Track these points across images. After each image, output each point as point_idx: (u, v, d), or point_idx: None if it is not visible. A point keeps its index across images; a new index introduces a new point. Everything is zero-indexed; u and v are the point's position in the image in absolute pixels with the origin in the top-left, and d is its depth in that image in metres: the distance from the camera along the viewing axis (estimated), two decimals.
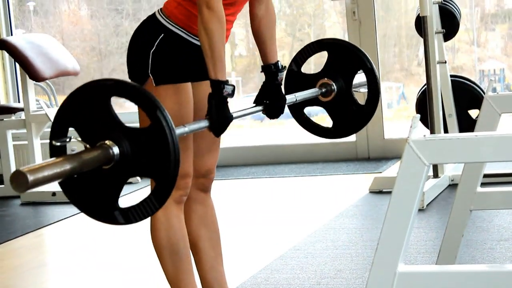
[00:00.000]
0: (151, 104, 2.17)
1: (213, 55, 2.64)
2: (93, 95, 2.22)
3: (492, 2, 7.22)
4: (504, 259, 3.70)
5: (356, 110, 3.18)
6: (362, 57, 3.15)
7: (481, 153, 2.06)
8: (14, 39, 6.12)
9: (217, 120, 2.64)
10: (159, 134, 2.16)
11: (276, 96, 2.92)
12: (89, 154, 2.13)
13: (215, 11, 2.63)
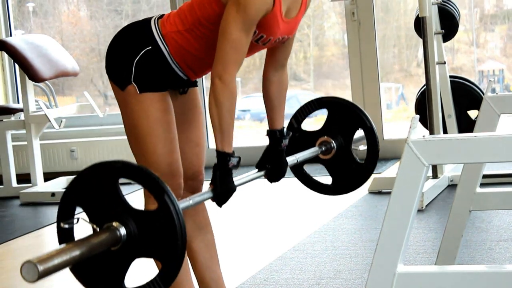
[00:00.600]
0: (159, 188, 2.18)
1: (221, 128, 2.66)
2: (101, 177, 2.23)
3: (491, 3, 7.22)
4: (504, 259, 3.70)
5: (355, 168, 3.22)
6: (362, 116, 3.20)
7: (480, 154, 2.06)
8: (13, 40, 6.12)
9: (221, 192, 2.69)
10: (166, 218, 2.16)
11: (278, 161, 2.97)
12: (97, 238, 2.15)
13: (228, 85, 2.62)
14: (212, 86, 2.63)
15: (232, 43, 2.62)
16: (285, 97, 3.00)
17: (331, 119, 3.21)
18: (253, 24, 2.64)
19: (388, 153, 6.39)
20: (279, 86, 2.96)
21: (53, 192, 5.97)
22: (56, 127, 6.05)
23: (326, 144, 3.19)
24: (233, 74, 2.63)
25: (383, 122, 6.44)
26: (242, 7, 2.60)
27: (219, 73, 2.62)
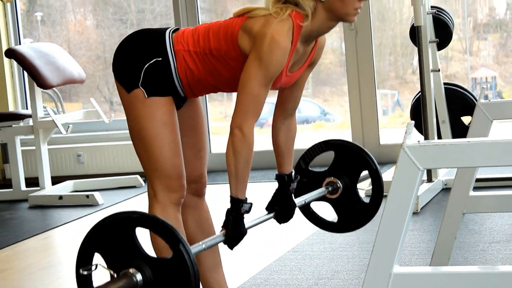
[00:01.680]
0: (174, 238, 2.21)
1: (237, 176, 2.69)
2: (119, 226, 2.26)
3: (484, 12, 7.22)
4: (496, 260, 3.70)
5: (360, 208, 3.25)
6: (367, 158, 3.23)
7: (473, 158, 2.06)
8: (22, 48, 6.12)
9: (233, 236, 2.71)
10: (181, 266, 2.19)
11: (287, 204, 3.00)
12: (115, 284, 2.18)
13: (246, 136, 2.66)
14: (231, 136, 2.66)
15: (253, 97, 2.65)
16: (293, 144, 3.03)
17: (338, 160, 3.25)
18: (272, 79, 2.67)
19: (384, 158, 6.38)
20: (287, 134, 3.00)
21: (60, 195, 5.96)
22: (64, 132, 6.06)
23: (333, 184, 3.24)
24: (252, 126, 2.68)
25: (379, 127, 6.44)
26: (264, 65, 2.62)
27: (239, 125, 2.65)
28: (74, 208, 5.75)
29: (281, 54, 2.62)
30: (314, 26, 2.71)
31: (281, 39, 2.61)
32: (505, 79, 7.16)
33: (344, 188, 3.23)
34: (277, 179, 3.01)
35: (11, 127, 6.19)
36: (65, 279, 4.06)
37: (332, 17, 2.71)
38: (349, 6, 2.68)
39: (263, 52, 2.61)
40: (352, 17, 2.70)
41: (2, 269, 4.31)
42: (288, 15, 2.65)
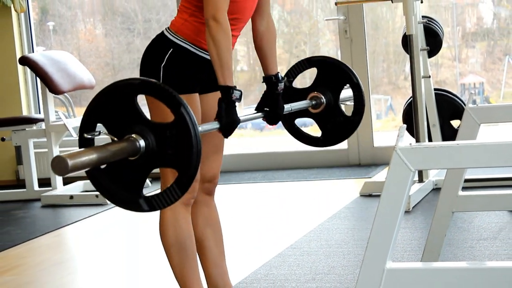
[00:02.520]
0: (175, 101, 2.18)
1: (221, 63, 2.66)
2: (121, 93, 2.22)
3: (472, 22, 7.22)
4: (483, 257, 3.70)
5: (343, 121, 3.19)
6: (349, 72, 3.16)
7: (462, 160, 2.07)
8: (35, 56, 6.13)
9: (226, 122, 2.65)
10: (183, 129, 2.16)
11: (275, 104, 2.94)
12: (118, 145, 2.14)
13: (221, 23, 2.64)
14: (208, 28, 2.64)
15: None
16: (275, 44, 3.00)
17: (321, 76, 3.19)
18: None
19: (377, 159, 6.39)
20: (268, 34, 2.96)
21: (71, 195, 5.97)
22: (74, 135, 6.05)
23: (316, 99, 3.16)
24: (224, 13, 2.65)
25: (373, 130, 6.45)
26: None
27: (212, 14, 2.64)
28: (84, 207, 5.76)
29: None
30: None
31: None
32: (492, 85, 7.16)
33: (327, 102, 3.16)
34: (264, 81, 2.97)
35: (25, 131, 6.19)
36: (76, 275, 4.06)
37: None
38: None
39: None
40: None
41: (16, 265, 4.31)
42: None
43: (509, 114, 3.35)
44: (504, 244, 3.85)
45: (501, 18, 7.01)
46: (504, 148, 2.01)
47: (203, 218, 3.03)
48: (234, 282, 3.50)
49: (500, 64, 7.06)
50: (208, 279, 3.03)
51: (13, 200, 6.26)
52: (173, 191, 2.20)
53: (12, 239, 4.92)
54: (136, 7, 7.50)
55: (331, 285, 3.45)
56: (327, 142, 3.24)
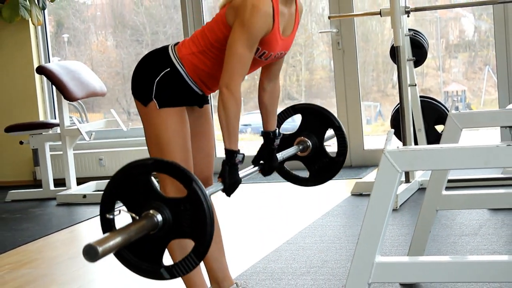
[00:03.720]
0: (187, 178, 2.17)
1: (229, 129, 2.66)
2: (136, 173, 2.22)
3: (455, 34, 7.23)
4: (465, 251, 3.70)
5: (328, 162, 3.20)
6: (331, 117, 3.18)
7: (445, 162, 2.07)
8: (51, 66, 6.13)
9: (229, 183, 2.67)
10: (196, 202, 2.15)
11: (270, 157, 2.96)
12: (139, 224, 2.14)
13: (233, 93, 2.63)
14: (220, 95, 2.64)
15: (238, 57, 2.62)
16: (277, 103, 3.00)
17: (305, 122, 3.20)
18: (255, 42, 2.64)
19: (367, 161, 6.39)
20: (272, 95, 2.96)
21: (84, 194, 5.97)
22: (87, 139, 6.06)
23: (303, 143, 3.17)
24: (238, 84, 2.64)
25: (363, 135, 6.45)
26: (246, 27, 2.61)
27: (226, 83, 2.63)
28: (96, 206, 5.72)
29: (262, 18, 2.62)
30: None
31: (261, 5, 2.61)
32: (473, 92, 7.16)
33: (313, 145, 3.17)
34: (262, 136, 2.97)
35: (42, 135, 6.20)
36: (89, 268, 4.06)
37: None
38: None
39: (245, 17, 2.61)
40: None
41: (34, 259, 4.31)
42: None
43: (489, 120, 3.36)
44: (484, 239, 3.85)
45: (482, 31, 7.01)
46: (484, 151, 2.01)
47: None
48: (234, 274, 3.50)
49: (480, 74, 7.06)
50: (209, 273, 3.04)
51: (30, 199, 6.26)
52: (191, 259, 2.20)
53: (30, 234, 4.92)
54: (144, 20, 7.50)
55: (324, 277, 3.45)
56: (315, 182, 3.26)
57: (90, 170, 7.01)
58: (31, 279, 3.88)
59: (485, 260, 2.10)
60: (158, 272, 2.22)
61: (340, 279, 3.40)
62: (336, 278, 3.42)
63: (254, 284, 3.43)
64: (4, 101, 7.14)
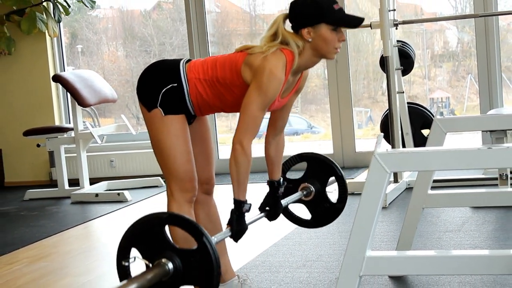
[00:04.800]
0: (198, 232, 2.19)
1: (239, 182, 2.69)
2: (151, 224, 2.25)
3: (440, 45, 7.24)
4: (449, 246, 3.70)
5: (329, 207, 3.25)
6: (334, 166, 3.22)
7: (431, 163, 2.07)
8: (66, 74, 6.14)
9: (237, 230, 2.71)
10: (205, 255, 2.17)
11: (275, 204, 2.98)
12: (152, 272, 2.16)
13: (245, 149, 2.66)
14: (233, 150, 2.66)
15: (253, 119, 2.65)
16: (282, 156, 3.01)
17: (310, 169, 3.24)
18: (268, 104, 2.67)
19: (359, 163, 6.39)
20: (277, 148, 2.99)
21: (96, 193, 5.97)
22: (99, 142, 6.07)
23: (307, 189, 3.22)
24: (250, 142, 2.67)
25: (355, 138, 6.45)
26: (263, 93, 2.63)
27: (240, 140, 2.65)
28: (108, 204, 5.76)
29: (277, 84, 2.64)
30: (302, 61, 2.72)
31: (277, 72, 2.63)
32: (457, 99, 7.17)
33: (316, 191, 3.22)
34: (268, 184, 3.00)
35: (57, 138, 6.20)
36: (101, 261, 4.06)
37: (317, 54, 2.72)
38: (330, 45, 2.68)
39: (262, 82, 2.62)
40: (332, 55, 2.70)
41: (50, 253, 4.31)
42: (281, 51, 2.66)
43: (471, 125, 3.37)
44: (466, 235, 3.85)
45: (464, 43, 7.02)
46: (466, 154, 2.02)
47: (205, 215, 3.04)
48: (236, 268, 3.50)
49: (463, 82, 7.07)
50: None
51: (47, 198, 6.26)
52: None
53: (46, 231, 4.92)
54: (152, 32, 7.50)
55: (319, 270, 3.45)
56: (316, 224, 3.29)
57: (102, 171, 7.01)
58: (47, 272, 3.88)
59: (467, 254, 2.10)
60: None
61: (334, 272, 3.40)
62: (329, 271, 3.42)
63: (254, 276, 3.43)
64: (22, 107, 7.14)
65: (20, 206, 5.98)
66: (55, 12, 6.89)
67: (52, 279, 3.73)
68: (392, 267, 2.16)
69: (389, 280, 3.17)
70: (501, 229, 3.91)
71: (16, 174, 7.23)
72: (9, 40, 7.00)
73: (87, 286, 3.58)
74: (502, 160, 2.00)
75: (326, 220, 3.27)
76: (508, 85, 6.65)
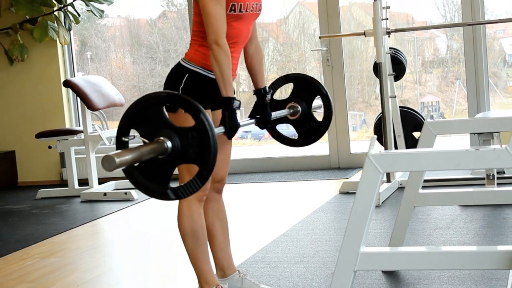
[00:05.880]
0: (196, 109, 2.17)
1: (223, 79, 2.64)
2: (151, 103, 2.21)
3: (430, 52, 7.23)
4: (439, 242, 3.70)
5: (315, 125, 3.17)
6: (319, 85, 3.14)
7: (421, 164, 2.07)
8: (76, 80, 6.13)
9: (230, 127, 2.65)
10: (202, 131, 2.14)
11: (265, 111, 2.92)
12: (150, 146, 2.13)
13: (222, 46, 2.63)
14: (211, 51, 2.63)
15: (213, 15, 2.63)
16: (262, 63, 2.98)
17: (296, 89, 3.17)
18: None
19: (354, 164, 6.39)
20: (256, 55, 2.95)
21: (105, 192, 5.96)
22: (107, 144, 6.06)
23: (294, 108, 3.13)
24: (224, 38, 2.63)
25: (350, 140, 6.44)
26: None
27: (214, 40, 2.63)
28: (115, 202, 5.75)
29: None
30: None
31: None
32: (446, 103, 7.16)
33: (302, 110, 3.14)
34: (255, 93, 2.94)
35: (67, 140, 6.19)
36: (108, 257, 4.06)
37: None
38: None
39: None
40: None
41: (59, 249, 4.30)
42: None
43: (460, 127, 3.36)
44: (455, 232, 3.85)
45: (453, 50, 7.02)
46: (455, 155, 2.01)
47: (213, 212, 3.02)
48: (237, 263, 3.49)
49: (452, 87, 7.07)
50: (216, 261, 3.03)
51: (58, 197, 6.26)
52: (195, 182, 2.19)
53: (57, 228, 4.92)
54: (157, 39, 7.50)
55: (315, 265, 3.45)
56: (302, 143, 3.21)
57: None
58: (57, 267, 3.87)
59: (456, 250, 2.10)
60: (165, 192, 2.21)
61: (330, 267, 3.39)
62: (326, 266, 3.41)
63: (254, 271, 3.42)
64: (34, 111, 7.14)
65: (32, 205, 5.98)
66: (66, 21, 6.89)
67: (62, 274, 3.73)
68: (385, 262, 2.15)
69: (382, 275, 3.16)
70: (488, 227, 3.90)
71: (29, 174, 7.22)
72: (22, 48, 7.01)
73: (95, 281, 3.57)
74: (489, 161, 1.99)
75: (312, 138, 3.19)
76: (494, 90, 6.65)
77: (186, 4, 6.95)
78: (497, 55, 6.90)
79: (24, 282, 3.64)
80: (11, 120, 7.22)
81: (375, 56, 5.17)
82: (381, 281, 3.10)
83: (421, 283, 3.02)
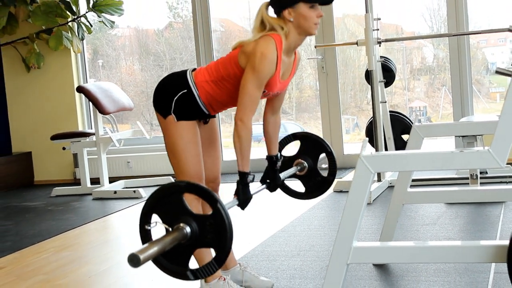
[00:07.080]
0: (213, 199, 2.15)
1: (242, 154, 2.66)
2: (170, 192, 2.21)
3: (418, 60, 7.24)
4: (426, 238, 3.70)
5: (321, 180, 3.21)
6: (324, 144, 3.18)
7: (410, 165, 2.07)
8: (88, 85, 6.13)
9: (243, 199, 2.71)
10: (219, 220, 2.14)
11: (274, 177, 2.96)
12: (172, 235, 2.13)
13: (246, 124, 2.63)
14: (236, 126, 2.64)
15: (249, 96, 2.63)
16: (278, 133, 2.99)
17: (303, 147, 3.21)
18: (263, 83, 2.65)
19: (347, 164, 6.39)
20: (274, 125, 2.96)
21: (115, 191, 5.96)
22: (117, 145, 6.06)
23: (301, 164, 3.18)
24: (250, 118, 2.64)
25: (343, 142, 6.45)
26: (257, 72, 2.61)
27: (240, 117, 2.62)
28: (125, 200, 5.75)
29: (268, 64, 2.61)
30: (290, 40, 2.70)
31: (268, 53, 2.61)
32: (433, 108, 7.16)
33: (308, 166, 3.17)
34: (267, 159, 2.97)
35: (80, 142, 6.19)
36: (118, 251, 4.06)
37: (301, 32, 2.69)
38: (310, 22, 2.67)
39: (255, 63, 2.61)
40: (314, 30, 2.68)
41: (72, 244, 4.30)
42: (270, 36, 2.65)
43: (446, 130, 3.36)
44: (441, 228, 3.85)
45: (439, 58, 7.02)
46: (441, 156, 2.02)
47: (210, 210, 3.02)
48: (237, 256, 3.49)
49: (438, 93, 7.07)
50: None
51: (71, 195, 6.26)
52: (212, 265, 2.19)
53: (70, 224, 4.92)
54: (164, 48, 7.51)
55: (311, 259, 3.45)
56: (309, 196, 3.26)
57: (120, 171, 7.00)
58: (70, 260, 3.87)
59: (442, 245, 2.10)
60: (185, 273, 2.21)
61: (324, 260, 3.39)
62: (321, 260, 3.41)
63: (253, 264, 3.42)
64: (50, 114, 7.15)
65: (47, 202, 5.98)
66: (79, 31, 6.90)
67: (75, 267, 3.73)
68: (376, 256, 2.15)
69: (373, 268, 3.16)
70: (472, 223, 3.90)
71: (44, 174, 7.23)
72: (39, 56, 7.01)
73: (106, 273, 3.57)
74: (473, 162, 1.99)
75: (318, 192, 3.22)
76: (478, 95, 6.65)
77: (191, 16, 6.96)
78: (480, 64, 6.91)
79: (40, 274, 3.64)
80: (28, 123, 7.22)
81: (367, 64, 5.17)
82: (372, 273, 3.10)
83: (409, 275, 3.02)
